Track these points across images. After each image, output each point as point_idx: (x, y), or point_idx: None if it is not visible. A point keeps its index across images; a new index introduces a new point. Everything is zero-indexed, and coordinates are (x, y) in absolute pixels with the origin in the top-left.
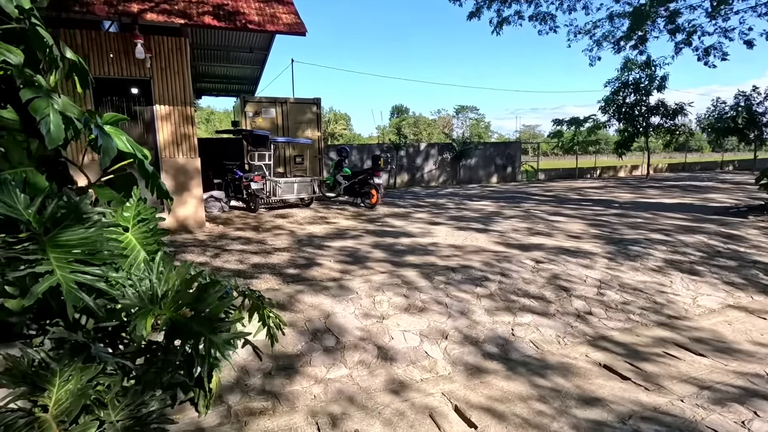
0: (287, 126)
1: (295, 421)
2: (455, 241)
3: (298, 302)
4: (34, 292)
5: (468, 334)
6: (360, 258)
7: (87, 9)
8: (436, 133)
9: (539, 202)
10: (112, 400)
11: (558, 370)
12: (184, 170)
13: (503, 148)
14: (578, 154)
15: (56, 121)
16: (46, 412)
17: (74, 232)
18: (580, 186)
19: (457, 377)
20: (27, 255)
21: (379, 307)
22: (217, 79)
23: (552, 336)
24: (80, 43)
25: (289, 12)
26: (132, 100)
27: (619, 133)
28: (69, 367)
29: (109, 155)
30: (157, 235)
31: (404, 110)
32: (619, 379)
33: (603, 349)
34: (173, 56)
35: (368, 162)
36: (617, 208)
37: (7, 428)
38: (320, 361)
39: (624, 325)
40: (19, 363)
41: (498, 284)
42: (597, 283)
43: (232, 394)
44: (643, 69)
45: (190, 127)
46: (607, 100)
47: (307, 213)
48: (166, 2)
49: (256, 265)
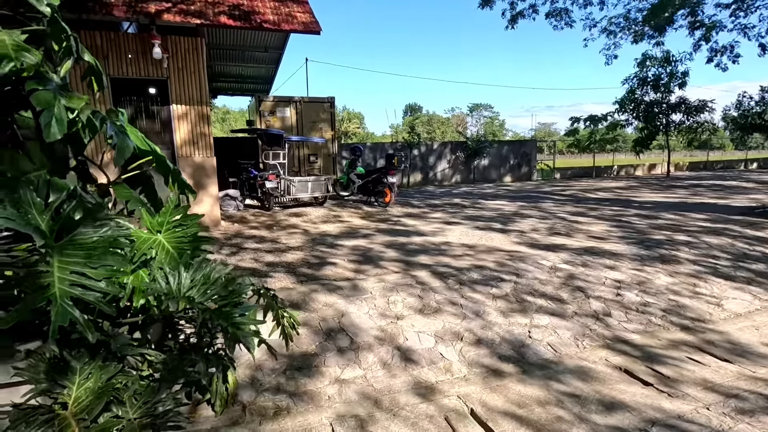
0: (301, 125)
1: (310, 421)
2: (470, 240)
3: (312, 302)
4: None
5: (483, 336)
6: (373, 257)
7: (106, 10)
8: (450, 131)
9: (556, 202)
10: (130, 398)
11: (576, 374)
12: (200, 169)
13: (518, 147)
14: (595, 153)
15: (59, 114)
16: (65, 409)
17: (85, 236)
18: (597, 185)
19: (473, 380)
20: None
21: (394, 308)
22: (233, 79)
23: (570, 339)
24: (100, 44)
25: (304, 11)
26: (150, 100)
27: (638, 131)
28: (88, 365)
29: (124, 153)
30: (196, 242)
31: (418, 108)
32: (641, 384)
33: (623, 353)
34: (190, 56)
35: (382, 161)
36: (637, 208)
37: (28, 425)
38: (334, 361)
39: (645, 329)
40: (40, 360)
41: (514, 285)
42: (616, 284)
43: (247, 394)
44: (663, 65)
45: (206, 126)
46: (623, 99)
47: (321, 212)
48: (182, 2)
49: (271, 263)
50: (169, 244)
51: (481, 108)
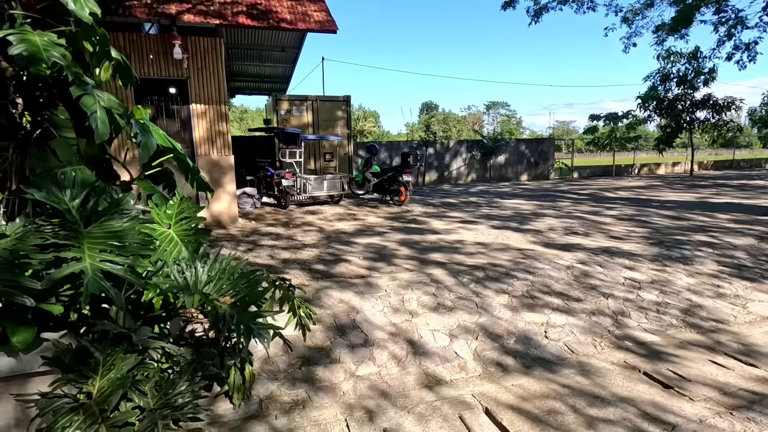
0: (317, 123)
1: (325, 416)
2: (485, 239)
3: (327, 298)
4: (57, 275)
5: (498, 335)
6: (388, 255)
7: (129, 12)
8: (466, 130)
9: (574, 201)
10: (150, 389)
11: (594, 375)
12: (218, 167)
13: (535, 145)
14: (615, 151)
15: (103, 116)
16: (90, 398)
17: (111, 224)
18: (617, 184)
19: (487, 378)
20: (56, 239)
21: (408, 305)
22: (250, 78)
23: (587, 339)
24: (122, 45)
25: (320, 9)
26: (170, 99)
27: (660, 129)
28: (111, 356)
29: (148, 150)
30: (198, 234)
31: (434, 107)
32: (660, 387)
33: (642, 355)
34: (209, 56)
35: (397, 159)
36: (658, 208)
37: (55, 413)
38: (349, 357)
39: (665, 331)
40: (67, 351)
41: (530, 284)
42: (636, 285)
43: (264, 388)
44: (689, 61)
45: (224, 125)
46: (646, 96)
47: (337, 210)
48: (202, 3)
49: (286, 260)
50: (178, 236)
51: (498, 106)
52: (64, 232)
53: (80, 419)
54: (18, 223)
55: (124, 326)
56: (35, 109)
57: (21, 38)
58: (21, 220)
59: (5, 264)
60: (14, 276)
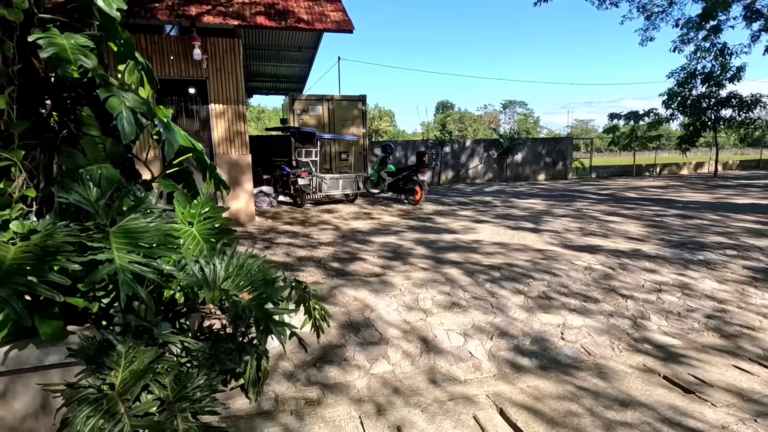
0: (333, 123)
1: (339, 413)
2: (501, 239)
3: (342, 296)
4: (93, 278)
5: (514, 336)
6: (403, 254)
7: (150, 14)
8: (482, 129)
9: (593, 201)
10: (170, 382)
11: (611, 378)
12: (236, 165)
13: (553, 144)
14: (636, 151)
15: (128, 117)
16: (112, 389)
17: (136, 223)
18: (638, 184)
19: (502, 379)
20: (91, 242)
21: (422, 304)
22: (268, 78)
23: (605, 341)
24: (144, 46)
25: (336, 9)
26: (190, 100)
27: (684, 128)
28: (133, 349)
29: (173, 147)
30: (222, 233)
31: (449, 106)
32: (681, 391)
33: (662, 359)
34: (227, 57)
35: (412, 158)
36: (680, 209)
37: (80, 402)
38: (363, 355)
39: (686, 334)
40: (91, 343)
41: (546, 285)
42: (656, 288)
43: (278, 384)
44: (716, 57)
45: (242, 125)
46: (672, 93)
47: (352, 208)
48: (221, 5)
49: (302, 258)
50: (201, 235)
51: (515, 105)
52: (93, 234)
53: (104, 409)
54: (48, 220)
55: (146, 320)
56: (62, 109)
57: (50, 42)
58: (50, 217)
59: (36, 260)
60: (44, 272)
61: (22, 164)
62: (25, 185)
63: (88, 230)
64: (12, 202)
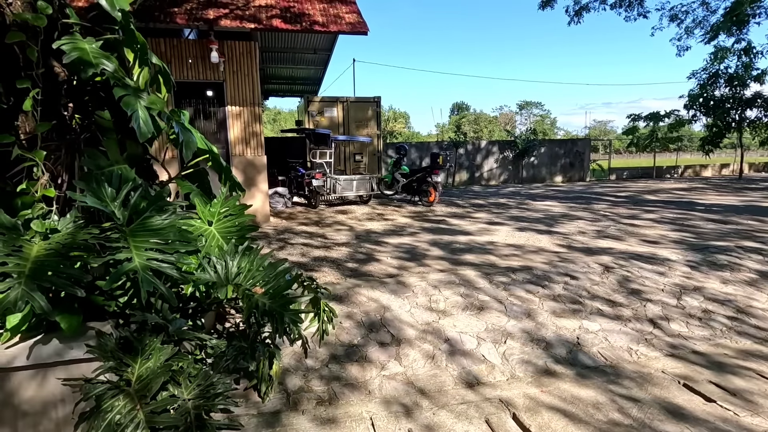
0: (347, 124)
1: (351, 413)
2: (516, 241)
3: (357, 296)
4: (115, 276)
5: (529, 340)
6: (417, 255)
7: (170, 19)
8: (498, 130)
9: (611, 204)
10: (185, 380)
11: (630, 384)
12: (252, 166)
13: (570, 146)
14: (657, 152)
15: (144, 116)
16: (129, 386)
17: (152, 222)
18: (659, 186)
19: (516, 384)
20: (109, 243)
21: (436, 306)
22: (283, 81)
23: (623, 345)
24: (163, 50)
25: (351, 11)
26: (207, 102)
27: (706, 129)
28: (149, 346)
29: (191, 149)
30: (244, 230)
31: (465, 107)
32: (703, 400)
33: (683, 365)
34: (244, 60)
35: (427, 160)
36: (702, 211)
37: (98, 398)
38: (376, 356)
39: (709, 339)
40: (109, 340)
41: (563, 287)
42: (677, 291)
43: (292, 383)
44: (740, 57)
45: (258, 126)
46: (694, 95)
47: (366, 210)
48: (238, 8)
49: (317, 258)
50: (219, 234)
51: (531, 106)
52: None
53: (121, 404)
54: (68, 219)
55: (162, 317)
56: (84, 111)
57: (73, 46)
58: (71, 216)
59: (58, 257)
60: (67, 268)
61: (45, 165)
62: (47, 185)
63: (107, 231)
64: (34, 201)
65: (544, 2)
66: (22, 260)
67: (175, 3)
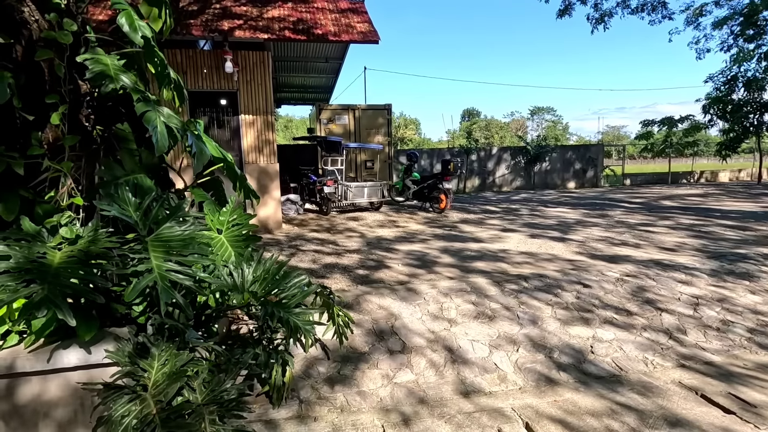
0: (359, 132)
1: (362, 420)
2: (528, 248)
3: (367, 303)
4: (136, 288)
5: (541, 348)
6: (428, 262)
7: (186, 30)
8: (509, 136)
9: (625, 210)
10: (199, 385)
11: (645, 394)
12: (265, 173)
13: (583, 151)
14: (671, 157)
15: (162, 130)
16: (145, 390)
17: (172, 232)
18: (674, 192)
19: (528, 392)
20: (132, 254)
21: (447, 314)
22: (295, 89)
23: (637, 356)
24: (179, 61)
25: (363, 21)
26: (221, 111)
27: (723, 134)
28: (166, 351)
29: (203, 160)
30: (249, 240)
31: (475, 113)
32: (721, 411)
33: (700, 376)
34: (257, 69)
35: (437, 166)
36: (720, 218)
37: (115, 401)
38: (387, 364)
39: (727, 350)
40: (126, 345)
41: (575, 295)
42: (693, 300)
43: (303, 390)
44: (759, 61)
45: (270, 134)
46: (712, 99)
47: (377, 216)
48: (252, 19)
49: (328, 265)
50: (229, 242)
51: (543, 111)
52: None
53: (137, 409)
54: (90, 227)
55: (179, 323)
56: (104, 123)
57: (95, 61)
58: (93, 224)
59: (80, 264)
60: (88, 276)
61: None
62: (71, 194)
63: (128, 242)
64: (59, 209)
65: (562, 10)
66: (45, 267)
67: (191, 15)
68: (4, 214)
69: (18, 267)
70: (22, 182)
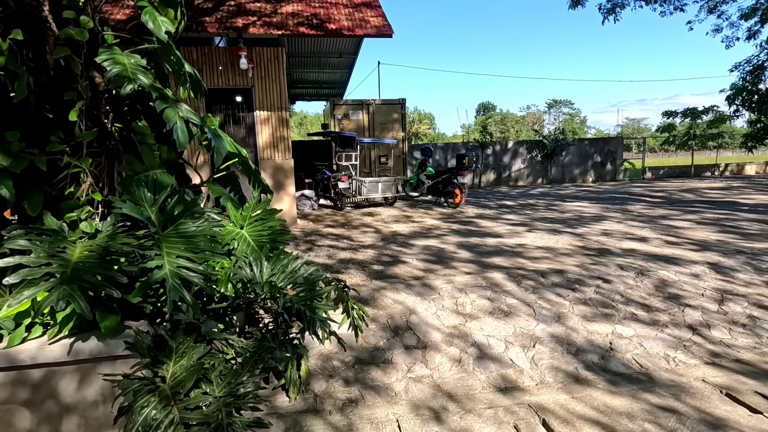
0: (373, 127)
1: (377, 415)
2: (545, 243)
3: (382, 298)
4: (145, 285)
5: (559, 344)
6: (444, 258)
7: (201, 28)
8: (525, 130)
9: (646, 204)
10: (216, 378)
11: (666, 392)
12: (280, 169)
13: (602, 145)
14: (694, 150)
15: (182, 127)
16: (164, 382)
17: (186, 228)
18: (697, 186)
19: (545, 390)
20: (144, 250)
21: (462, 309)
22: (309, 85)
23: (659, 352)
24: (195, 58)
25: (376, 15)
26: (237, 107)
27: (750, 125)
28: (183, 344)
29: (222, 154)
30: (275, 234)
31: (491, 107)
32: (748, 411)
33: (725, 373)
34: (271, 65)
35: (452, 161)
36: (747, 212)
37: (135, 393)
38: (402, 359)
39: (754, 347)
40: (145, 338)
41: (594, 290)
42: (718, 296)
43: (319, 384)
44: None
45: (285, 131)
46: (738, 89)
47: (392, 212)
48: (266, 16)
49: (344, 260)
50: (250, 237)
51: (560, 104)
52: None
53: (156, 401)
54: (108, 222)
55: (194, 317)
56: (122, 119)
57: (114, 61)
58: (111, 219)
59: (98, 259)
60: (106, 270)
61: (89, 171)
62: (91, 190)
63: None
64: (80, 205)
65: (574, 1)
66: (64, 261)
67: (206, 12)
68: (29, 209)
69: (38, 261)
70: (44, 179)
